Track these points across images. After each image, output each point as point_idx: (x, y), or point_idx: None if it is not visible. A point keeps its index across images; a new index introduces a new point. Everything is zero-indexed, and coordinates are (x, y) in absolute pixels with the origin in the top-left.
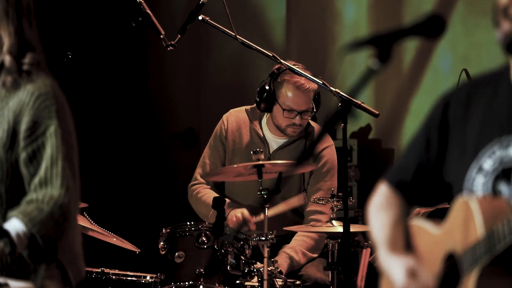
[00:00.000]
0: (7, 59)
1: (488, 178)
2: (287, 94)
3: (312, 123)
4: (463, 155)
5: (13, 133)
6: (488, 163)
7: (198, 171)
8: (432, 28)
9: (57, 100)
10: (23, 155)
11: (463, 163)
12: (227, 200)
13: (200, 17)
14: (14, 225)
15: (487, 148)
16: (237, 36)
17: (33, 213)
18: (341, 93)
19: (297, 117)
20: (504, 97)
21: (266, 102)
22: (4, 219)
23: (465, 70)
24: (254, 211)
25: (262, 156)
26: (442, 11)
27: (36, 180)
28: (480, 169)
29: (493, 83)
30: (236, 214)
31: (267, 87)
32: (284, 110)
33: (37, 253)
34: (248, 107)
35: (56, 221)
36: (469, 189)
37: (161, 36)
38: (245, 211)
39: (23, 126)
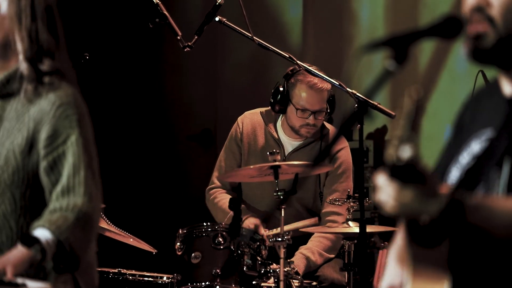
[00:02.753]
0: (24, 66)
1: (460, 171)
2: (300, 94)
3: (327, 125)
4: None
5: (32, 141)
6: (464, 156)
7: (215, 174)
8: (448, 29)
9: (78, 110)
10: (43, 164)
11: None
12: (243, 205)
13: (217, 18)
14: (42, 233)
15: (468, 142)
16: (254, 37)
17: (59, 221)
18: (357, 94)
19: (311, 117)
20: (493, 100)
21: (280, 103)
22: (18, 225)
23: (482, 71)
24: (268, 220)
25: (279, 157)
26: (459, 13)
27: (58, 188)
28: (457, 163)
29: (495, 86)
30: (248, 224)
31: (281, 89)
32: (297, 110)
33: (62, 262)
34: (263, 109)
35: (82, 228)
36: (446, 183)
37: (178, 37)
38: (257, 223)
39: (43, 135)
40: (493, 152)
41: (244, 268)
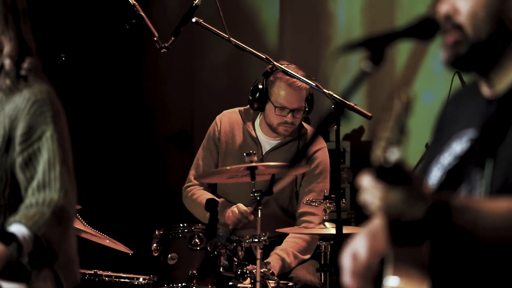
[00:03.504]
0: (7, 62)
1: (441, 171)
2: (279, 92)
3: (305, 125)
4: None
5: (8, 138)
6: (445, 156)
7: (192, 172)
8: (424, 30)
9: (53, 106)
10: (19, 160)
11: (433, 159)
12: (221, 200)
13: (193, 20)
14: (18, 228)
15: (449, 143)
16: (231, 38)
17: (35, 216)
18: (334, 95)
19: (289, 115)
20: (473, 102)
21: (259, 101)
22: (1, 224)
23: (458, 72)
24: (249, 204)
25: (255, 158)
26: (435, 14)
27: (34, 184)
28: (439, 163)
29: (474, 88)
30: (233, 210)
31: (260, 86)
32: (276, 107)
33: (39, 257)
34: (242, 108)
35: (59, 223)
36: (428, 183)
37: (155, 39)
38: (240, 205)
39: (19, 132)
40: (475, 152)
41: (221, 269)
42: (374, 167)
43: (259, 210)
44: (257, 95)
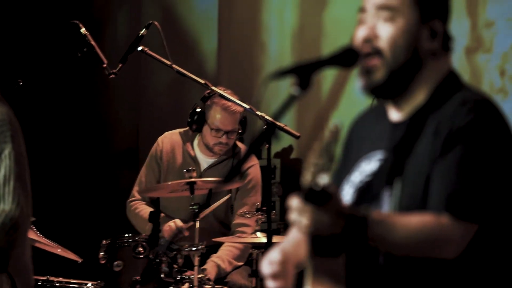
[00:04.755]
0: None
1: (352, 189)
2: (215, 115)
3: (239, 144)
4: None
5: None
6: (356, 175)
7: (136, 188)
8: (347, 59)
9: (12, 126)
10: None
11: (343, 177)
12: (162, 214)
13: (139, 48)
14: None
15: (358, 163)
16: (173, 65)
17: None
18: (266, 116)
19: (224, 136)
20: (380, 125)
21: (197, 123)
22: None
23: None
24: (185, 220)
25: (194, 174)
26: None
27: None
28: (349, 181)
29: (379, 112)
30: (170, 225)
31: (198, 110)
32: (212, 129)
33: None
34: (182, 130)
35: (7, 232)
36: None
37: (104, 65)
38: (177, 221)
39: None
40: (384, 172)
41: (162, 275)
42: (303, 190)
43: (197, 221)
44: (196, 118)
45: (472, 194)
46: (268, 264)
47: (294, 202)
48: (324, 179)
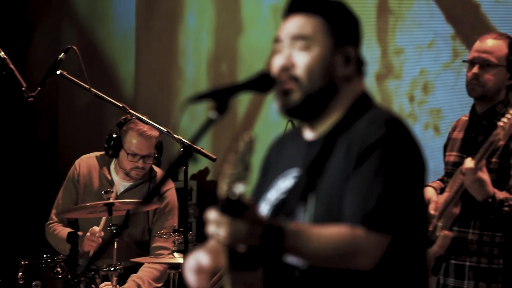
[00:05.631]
0: None
1: (268, 206)
2: (131, 140)
3: (155, 168)
4: (262, 190)
5: None
6: (272, 193)
7: (53, 211)
8: (262, 84)
9: None
10: None
11: (260, 196)
12: (81, 233)
13: (58, 72)
14: None
15: (275, 181)
16: (91, 89)
17: None
18: (183, 140)
19: (140, 161)
20: (296, 145)
21: (114, 148)
22: None
23: (291, 121)
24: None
25: (113, 195)
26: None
27: None
28: (266, 199)
29: (296, 132)
30: (86, 235)
31: (114, 135)
32: (128, 154)
33: None
34: (99, 153)
35: None
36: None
37: (23, 89)
38: (92, 228)
39: None
40: (299, 189)
41: None
42: (220, 201)
43: (115, 242)
44: (112, 143)
45: (384, 206)
46: (189, 272)
47: (211, 214)
48: (239, 189)
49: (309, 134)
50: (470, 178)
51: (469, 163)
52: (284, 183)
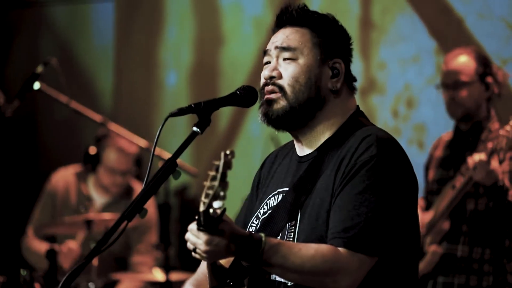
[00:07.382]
0: None
1: (257, 221)
2: (110, 155)
3: (134, 183)
4: (254, 206)
5: None
6: (262, 209)
7: (30, 226)
8: (245, 98)
9: None
10: None
11: (251, 212)
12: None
13: (36, 86)
14: None
15: (266, 197)
16: (70, 103)
17: None
18: (164, 154)
19: (119, 177)
20: (287, 161)
21: (92, 163)
22: None
23: (272, 138)
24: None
25: (92, 211)
26: (254, 84)
27: None
28: (256, 216)
29: (288, 149)
30: (62, 252)
31: (92, 152)
32: (107, 169)
33: None
34: (76, 167)
35: None
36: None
37: (1, 104)
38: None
39: None
40: (287, 205)
41: None
42: (199, 217)
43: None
44: (90, 158)
45: (369, 228)
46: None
47: (190, 231)
48: (217, 204)
49: (300, 150)
50: (483, 171)
51: (479, 156)
52: (274, 199)
